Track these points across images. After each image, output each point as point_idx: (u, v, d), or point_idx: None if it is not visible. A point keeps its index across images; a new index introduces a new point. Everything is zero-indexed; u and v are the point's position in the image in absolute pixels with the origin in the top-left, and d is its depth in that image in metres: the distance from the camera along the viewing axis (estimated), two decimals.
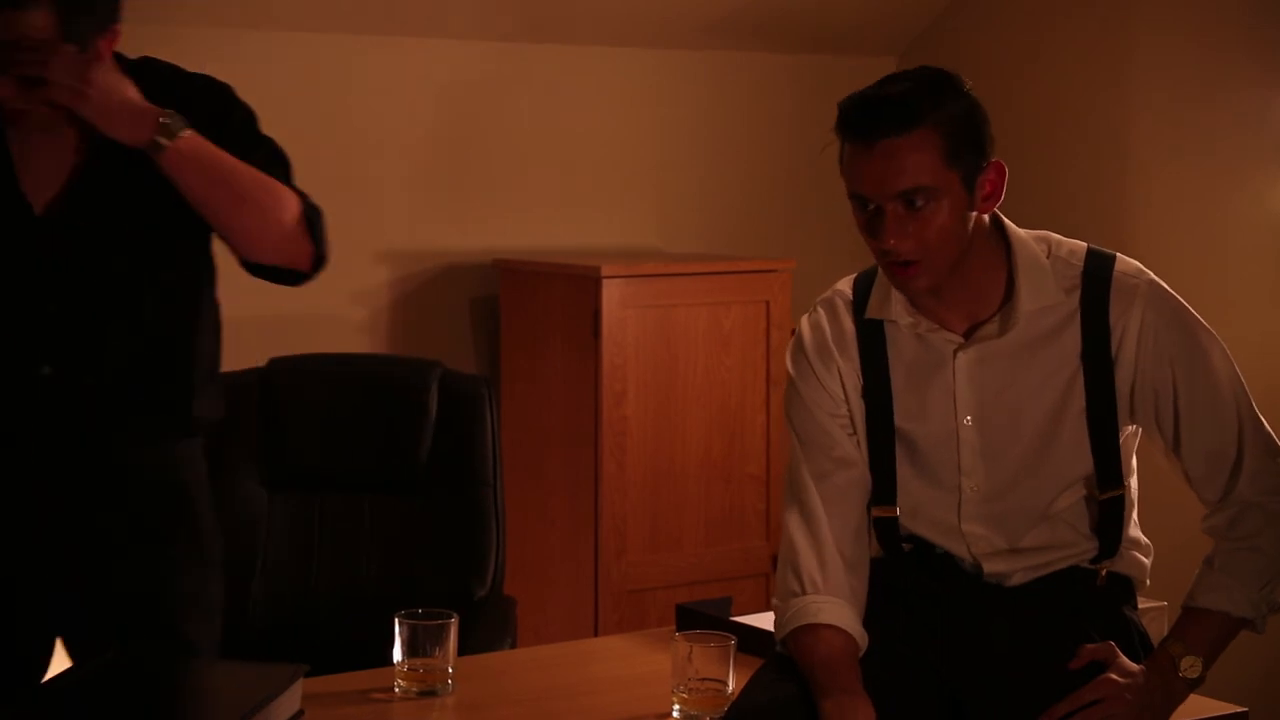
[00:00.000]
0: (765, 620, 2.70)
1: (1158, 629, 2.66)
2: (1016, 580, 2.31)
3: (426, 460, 3.24)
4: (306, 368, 3.31)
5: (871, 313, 2.32)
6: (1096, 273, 2.27)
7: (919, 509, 2.33)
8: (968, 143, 2.17)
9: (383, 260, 4.41)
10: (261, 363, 3.28)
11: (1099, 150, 4.61)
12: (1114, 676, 2.19)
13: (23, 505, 2.46)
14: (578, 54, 4.59)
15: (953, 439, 2.29)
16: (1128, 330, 2.24)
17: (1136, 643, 2.32)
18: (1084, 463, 2.28)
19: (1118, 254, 2.31)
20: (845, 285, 2.38)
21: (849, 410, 2.33)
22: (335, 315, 4.31)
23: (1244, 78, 4.27)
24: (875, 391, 2.32)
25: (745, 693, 2.28)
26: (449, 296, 4.50)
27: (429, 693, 2.45)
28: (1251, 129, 4.25)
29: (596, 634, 4.05)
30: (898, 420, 2.31)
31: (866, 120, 2.15)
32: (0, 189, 2.41)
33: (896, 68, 5.12)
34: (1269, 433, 2.29)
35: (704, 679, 2.37)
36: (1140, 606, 2.56)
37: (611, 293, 4.12)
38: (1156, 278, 2.30)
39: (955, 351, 2.28)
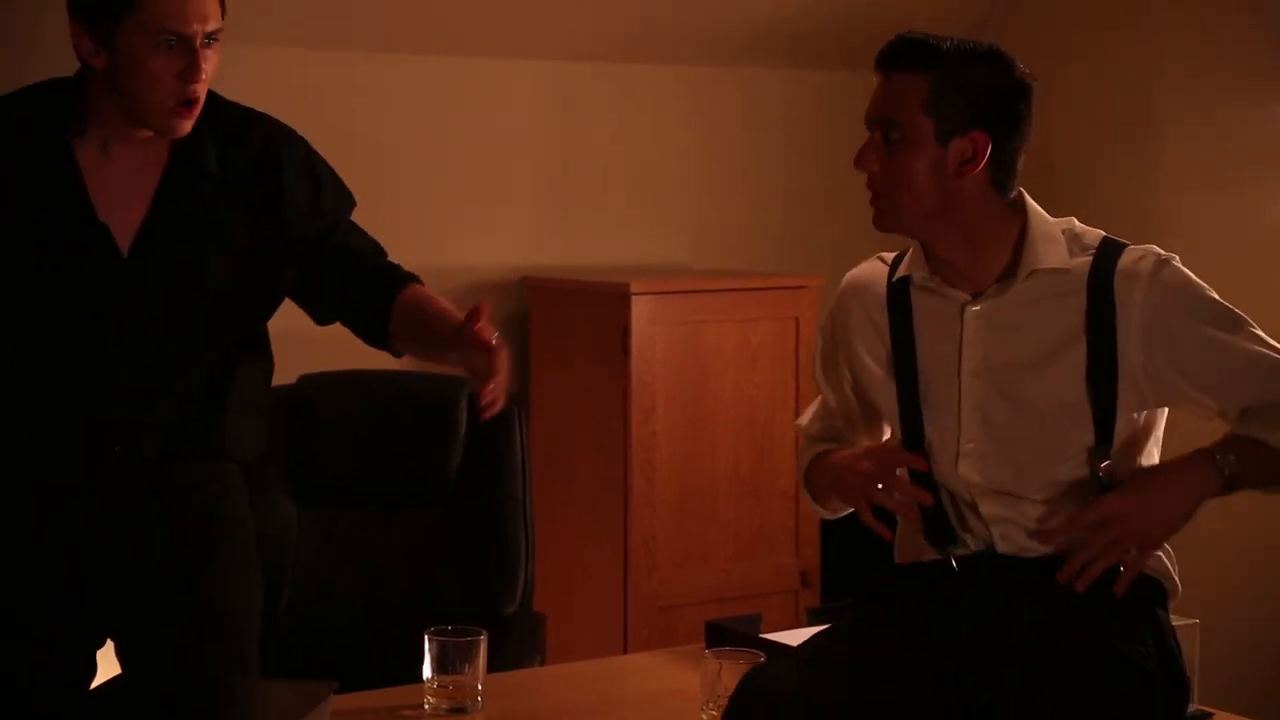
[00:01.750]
0: (794, 637, 2.70)
1: (1189, 647, 2.64)
2: (1034, 551, 2.30)
3: (456, 476, 3.24)
4: (336, 384, 3.32)
5: (900, 273, 2.43)
6: (1107, 251, 2.33)
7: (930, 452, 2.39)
8: (959, 103, 2.28)
9: None
10: (291, 380, 3.29)
11: (1129, 164, 4.59)
12: (1115, 498, 2.22)
13: (81, 514, 2.47)
14: (608, 71, 4.60)
15: (955, 392, 2.35)
16: (1132, 310, 2.28)
17: (1172, 645, 2.30)
18: (1084, 433, 2.30)
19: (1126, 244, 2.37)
20: (887, 256, 2.50)
21: (879, 363, 2.44)
22: None
23: (1266, 95, 4.26)
24: (902, 346, 2.41)
25: (749, 676, 2.28)
26: None
27: (458, 709, 2.46)
28: (1274, 146, 4.24)
29: (626, 650, 4.05)
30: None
31: (887, 53, 2.34)
32: (78, 220, 2.40)
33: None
34: None
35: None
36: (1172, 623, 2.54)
37: (641, 309, 4.12)
38: (1168, 255, 2.35)
39: (963, 306, 2.35)
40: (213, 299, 2.47)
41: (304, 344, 2.79)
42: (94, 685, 2.48)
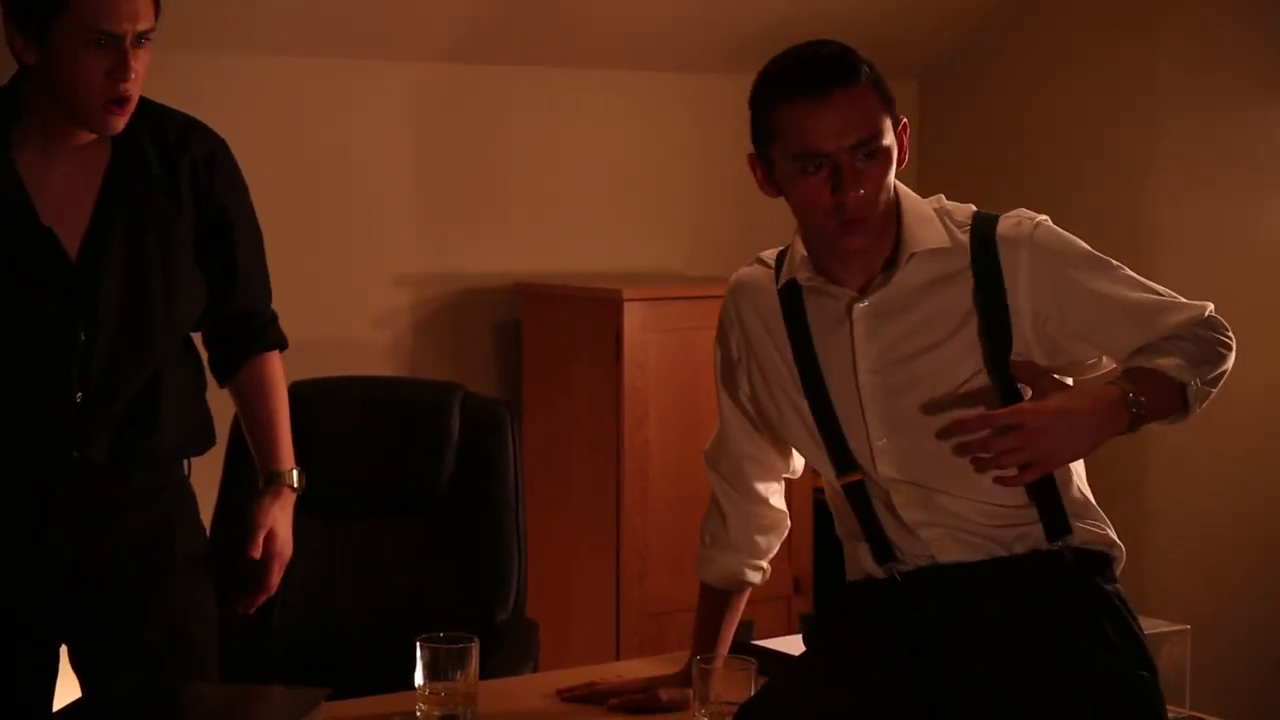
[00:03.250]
0: (787, 644, 2.71)
1: (1180, 652, 2.65)
2: (970, 555, 2.28)
3: (448, 483, 3.24)
4: (329, 391, 3.31)
5: (785, 276, 2.39)
6: (982, 222, 2.30)
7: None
8: (889, 98, 2.26)
9: (404, 284, 4.42)
10: None
11: (1119, 173, 4.60)
12: (1036, 411, 2.15)
13: (36, 520, 2.48)
14: (601, 78, 4.61)
15: (855, 391, 2.31)
16: (1019, 276, 2.25)
17: (1124, 613, 2.28)
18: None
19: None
20: (768, 257, 2.49)
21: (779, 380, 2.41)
22: (357, 339, 4.32)
23: (1265, 101, 4.27)
24: (804, 357, 2.36)
25: (757, 696, 2.29)
26: (471, 320, 4.51)
27: (450, 716, 2.45)
28: (1274, 149, 4.25)
29: (618, 657, 4.05)
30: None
31: (817, 75, 2.22)
32: (22, 226, 2.41)
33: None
34: (1185, 302, 2.29)
35: (725, 702, 2.37)
36: (1162, 630, 2.54)
37: (633, 316, 4.13)
38: (1041, 218, 2.31)
39: (850, 305, 2.31)
40: (161, 299, 2.50)
41: (297, 351, 2.80)
42: (82, 695, 2.48)
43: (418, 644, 2.46)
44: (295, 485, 2.68)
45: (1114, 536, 2.35)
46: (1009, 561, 2.28)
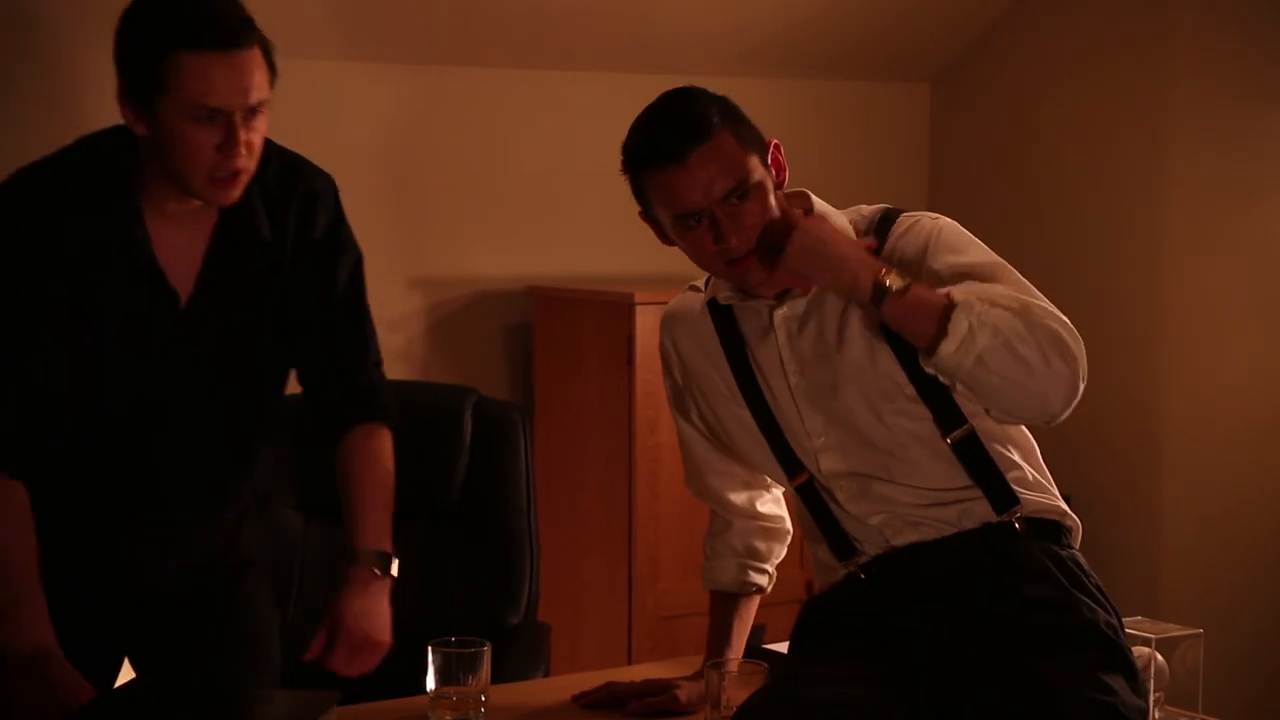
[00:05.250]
0: None
1: (1194, 657, 2.64)
2: (923, 536, 2.32)
3: (460, 487, 3.24)
4: None
5: (710, 295, 2.47)
6: (883, 220, 2.39)
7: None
8: (746, 128, 2.34)
9: (417, 287, 4.42)
10: (298, 390, 3.29)
11: (1131, 176, 4.59)
12: (814, 219, 2.31)
13: (113, 542, 2.50)
14: (613, 81, 4.60)
15: (789, 393, 2.40)
16: (894, 258, 2.33)
17: (1079, 569, 2.31)
18: (918, 404, 2.33)
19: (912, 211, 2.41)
20: (699, 282, 2.53)
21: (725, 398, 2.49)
22: None
23: (1277, 103, 4.26)
24: (740, 369, 2.45)
25: (757, 692, 2.28)
26: (483, 323, 4.51)
27: None
28: None
29: (630, 661, 4.05)
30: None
31: (671, 141, 2.30)
32: (146, 275, 2.39)
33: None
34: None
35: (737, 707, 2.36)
36: (1175, 634, 2.54)
37: (645, 319, 4.13)
38: (941, 220, 2.38)
39: (771, 312, 2.40)
40: (259, 358, 2.49)
41: None
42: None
43: (429, 648, 2.46)
44: (380, 570, 2.52)
45: (1065, 508, 2.39)
46: (962, 537, 2.32)
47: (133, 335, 2.39)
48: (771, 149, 2.37)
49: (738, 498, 2.63)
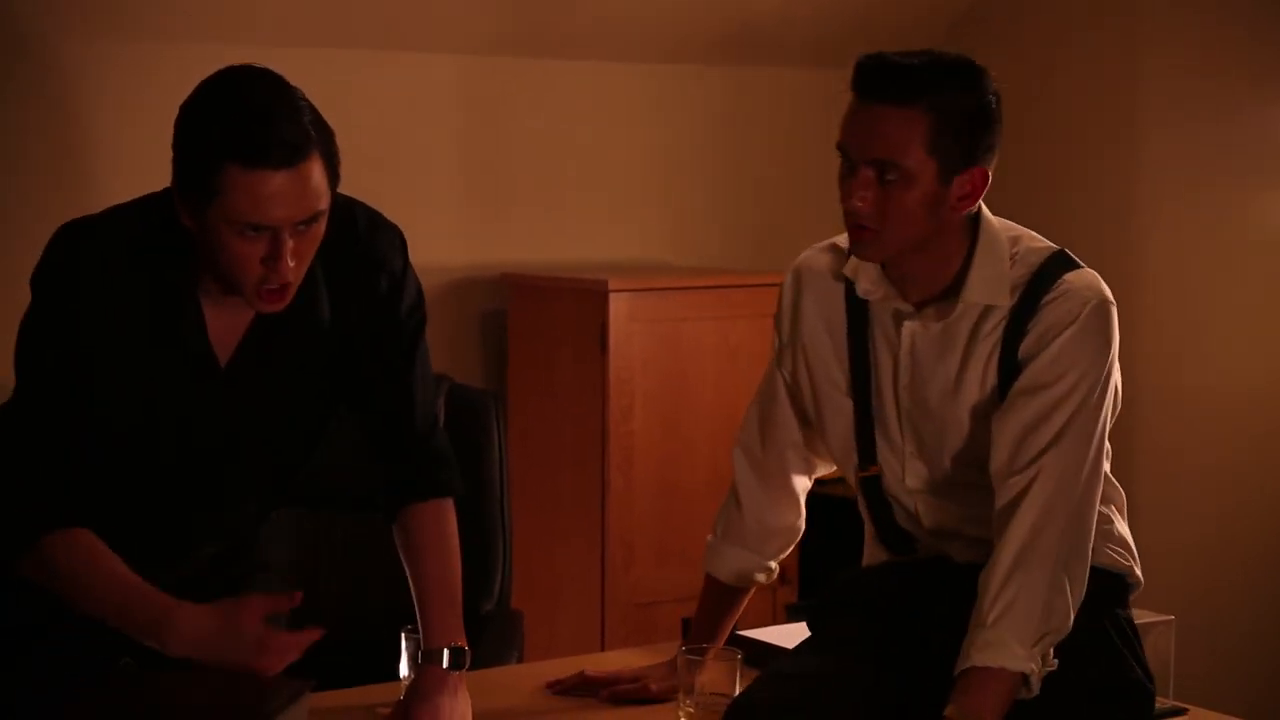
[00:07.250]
0: (772, 635, 2.71)
1: (1165, 644, 2.65)
2: (985, 558, 2.28)
3: None
4: None
5: (850, 275, 2.39)
6: (1038, 282, 2.28)
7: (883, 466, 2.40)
8: (958, 138, 2.21)
9: None
10: None
11: (1110, 173, 4.61)
12: None
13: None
14: (588, 69, 4.60)
15: (895, 402, 2.35)
16: (1030, 344, 2.26)
17: (1132, 637, 2.32)
18: None
19: (1080, 267, 2.31)
20: (843, 242, 2.42)
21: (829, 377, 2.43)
22: None
23: (1254, 97, 4.28)
24: (858, 362, 2.38)
25: (747, 690, 2.30)
26: (457, 310, 4.50)
27: None
28: (1263, 148, 4.26)
29: (604, 648, 4.05)
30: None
31: (871, 79, 2.23)
32: (194, 345, 2.30)
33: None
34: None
35: (710, 693, 2.37)
36: (1147, 620, 2.56)
37: (619, 306, 4.13)
38: (1102, 298, 2.28)
39: (903, 320, 2.32)
40: (296, 425, 2.44)
41: None
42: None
43: (402, 634, 2.46)
44: (446, 664, 2.35)
45: (1134, 564, 2.38)
46: None
47: (171, 397, 2.32)
48: (972, 172, 2.24)
49: (795, 478, 2.55)
